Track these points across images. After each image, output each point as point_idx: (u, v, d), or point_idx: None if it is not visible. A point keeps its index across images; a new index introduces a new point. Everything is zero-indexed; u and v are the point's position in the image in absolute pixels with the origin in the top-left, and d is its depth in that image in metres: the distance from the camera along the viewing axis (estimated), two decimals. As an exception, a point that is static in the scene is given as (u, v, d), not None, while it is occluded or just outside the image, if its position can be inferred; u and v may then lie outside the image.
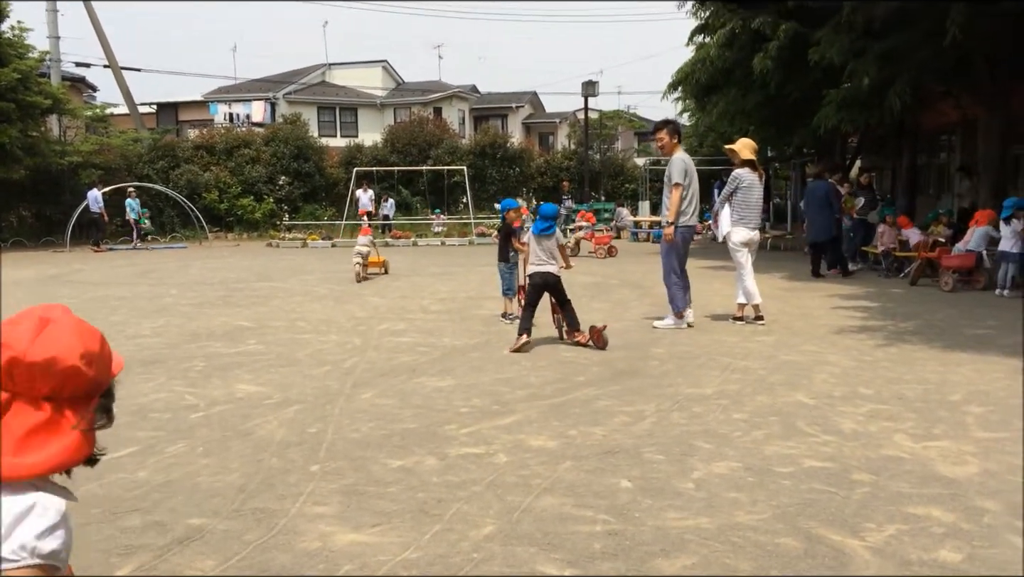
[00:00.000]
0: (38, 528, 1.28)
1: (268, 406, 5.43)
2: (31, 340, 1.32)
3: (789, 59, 14.99)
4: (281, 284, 13.09)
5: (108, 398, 1.44)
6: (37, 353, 1.30)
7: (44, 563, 1.28)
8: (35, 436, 1.31)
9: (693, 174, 8.39)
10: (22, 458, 1.29)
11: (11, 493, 1.28)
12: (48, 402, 1.32)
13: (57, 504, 1.33)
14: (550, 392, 5.75)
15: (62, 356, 1.32)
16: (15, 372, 1.31)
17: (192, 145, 29.56)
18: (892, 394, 5.55)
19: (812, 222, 13.58)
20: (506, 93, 46.55)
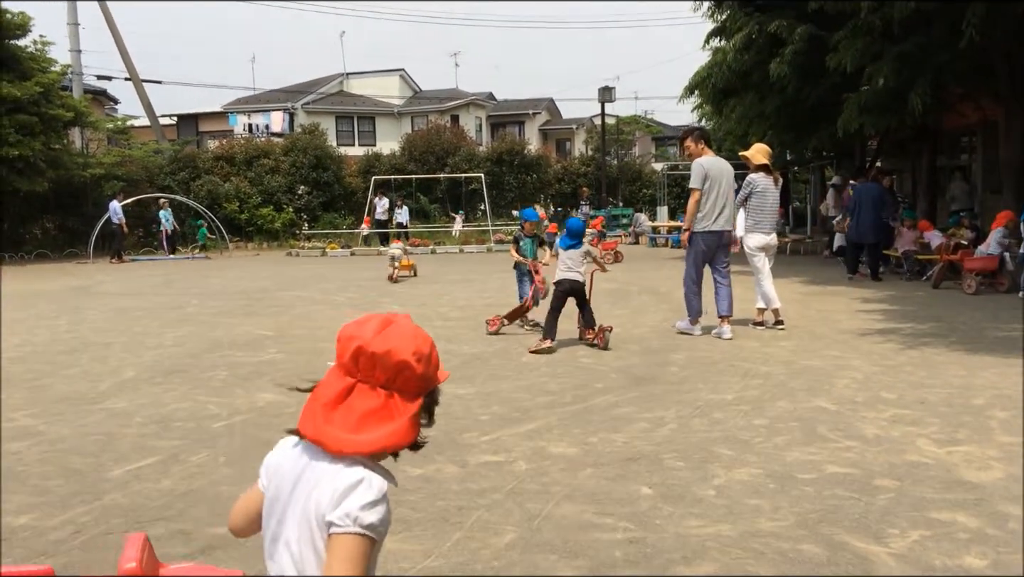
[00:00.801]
0: (363, 500, 1.46)
1: (290, 415, 5.45)
2: (375, 334, 1.56)
3: (806, 63, 14.92)
4: (301, 293, 13.17)
5: (432, 400, 1.64)
6: (378, 345, 1.54)
7: (364, 533, 1.45)
8: (370, 418, 1.52)
9: (718, 178, 8.16)
10: (358, 436, 1.51)
11: (344, 466, 1.49)
12: (383, 390, 1.54)
13: (380, 483, 1.51)
14: (570, 399, 5.75)
15: (397, 351, 1.54)
16: (360, 360, 1.54)
17: (212, 156, 29.83)
18: (915, 399, 5.50)
19: (860, 223, 13.42)
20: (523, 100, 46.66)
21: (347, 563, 1.42)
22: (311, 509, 1.49)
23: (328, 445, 1.50)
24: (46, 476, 4.29)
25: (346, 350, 1.57)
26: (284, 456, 1.65)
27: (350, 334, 1.59)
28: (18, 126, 21.23)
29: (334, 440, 1.50)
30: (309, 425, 1.55)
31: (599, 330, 7.74)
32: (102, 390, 6.35)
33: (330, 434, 1.51)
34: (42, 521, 3.67)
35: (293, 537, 1.50)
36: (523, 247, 9.15)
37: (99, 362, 7.55)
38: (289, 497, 1.55)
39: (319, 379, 1.64)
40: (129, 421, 5.39)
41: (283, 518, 1.55)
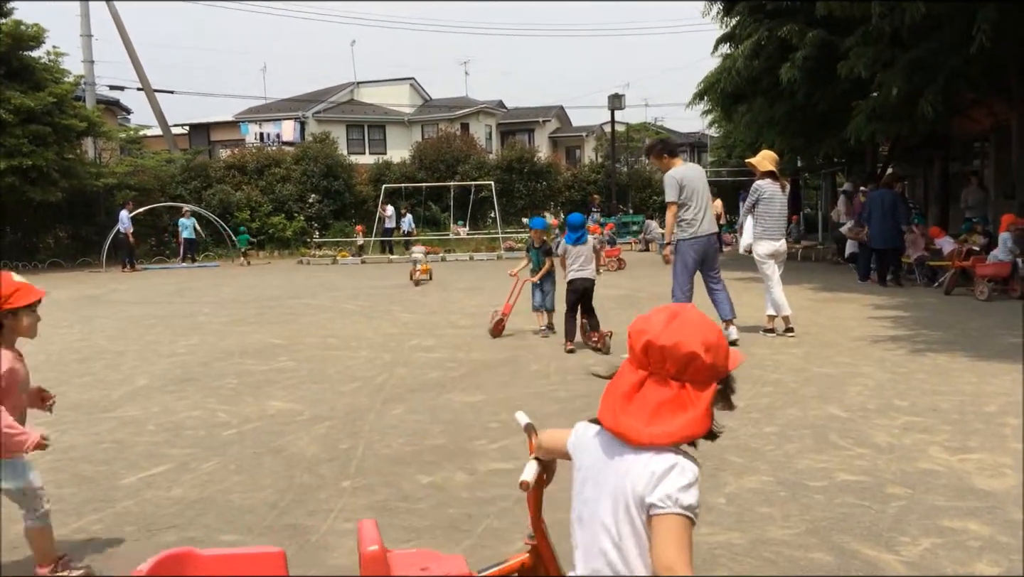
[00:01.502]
0: (679, 483, 1.54)
1: (300, 423, 5.48)
2: (663, 328, 1.62)
3: (816, 68, 14.90)
4: (312, 301, 13.21)
5: (727, 386, 1.68)
6: (667, 338, 1.59)
7: (685, 513, 1.53)
8: (663, 409, 1.59)
9: (694, 185, 8.07)
10: (652, 428, 1.58)
11: (655, 453, 1.57)
12: (675, 381, 1.60)
13: (692, 466, 1.58)
14: (580, 406, 5.74)
15: (685, 343, 1.58)
16: (650, 353, 1.61)
17: (224, 165, 30.01)
18: (927, 406, 5.47)
19: (877, 230, 13.39)
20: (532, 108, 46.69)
21: (676, 543, 1.50)
22: (627, 492, 1.57)
23: (627, 436, 1.60)
24: (59, 484, 4.31)
25: (636, 344, 1.64)
26: (587, 440, 1.76)
27: (639, 328, 1.66)
28: (32, 136, 21.43)
29: (633, 431, 1.59)
30: (608, 415, 1.65)
31: (600, 335, 7.84)
32: (114, 398, 6.39)
33: (628, 425, 1.60)
34: (55, 529, 3.68)
35: (609, 519, 1.60)
36: (531, 257, 9.22)
37: (112, 370, 7.59)
38: (597, 479, 1.66)
39: (618, 365, 1.72)
40: (141, 429, 5.42)
41: (592, 498, 1.67)
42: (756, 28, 16.64)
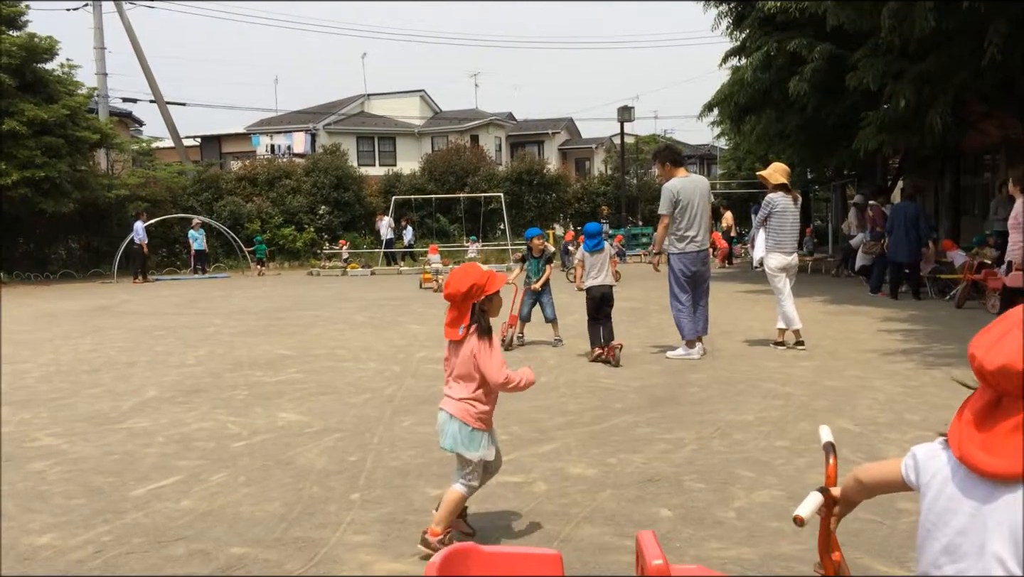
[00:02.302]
0: None
1: (309, 434, 5.48)
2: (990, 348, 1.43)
3: (826, 81, 14.90)
4: (321, 312, 13.23)
5: None
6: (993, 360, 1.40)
7: None
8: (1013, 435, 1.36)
9: (690, 198, 8.08)
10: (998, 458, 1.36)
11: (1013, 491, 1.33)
12: None
13: None
14: (589, 419, 5.73)
15: (1012, 363, 1.37)
16: (987, 378, 1.43)
17: (235, 177, 30.18)
18: (939, 420, 5.43)
19: (898, 243, 13.34)
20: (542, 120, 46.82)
21: None
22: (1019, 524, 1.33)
23: (973, 465, 1.41)
24: (69, 495, 4.32)
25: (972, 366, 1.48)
26: (939, 464, 1.53)
27: (970, 351, 1.50)
28: (45, 148, 21.60)
29: (977, 460, 1.40)
30: (955, 441, 1.48)
31: (609, 347, 7.84)
32: (125, 409, 6.40)
33: (972, 453, 1.42)
34: (64, 540, 3.70)
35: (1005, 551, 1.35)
36: (529, 267, 9.29)
37: (122, 381, 7.61)
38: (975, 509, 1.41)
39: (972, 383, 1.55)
40: (151, 440, 5.43)
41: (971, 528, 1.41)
42: (765, 41, 16.66)
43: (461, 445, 3.43)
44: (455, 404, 3.47)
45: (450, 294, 3.46)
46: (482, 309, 3.46)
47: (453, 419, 3.44)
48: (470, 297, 3.43)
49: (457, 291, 3.44)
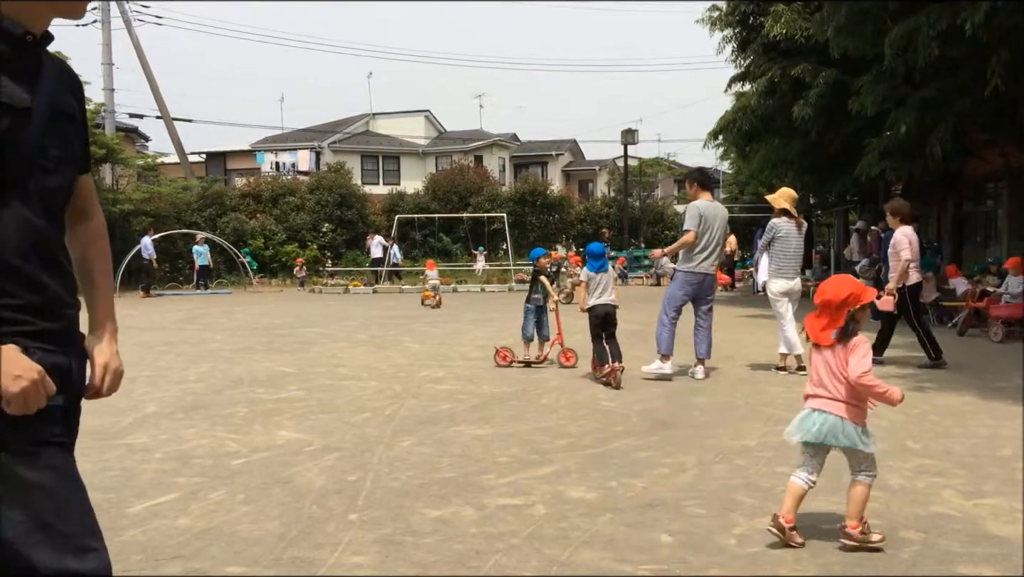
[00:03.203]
0: None
1: (308, 453, 5.46)
2: None
3: (830, 107, 14.97)
4: (323, 330, 13.23)
5: None
6: None
7: None
8: None
9: (712, 222, 8.21)
10: None
11: None
12: None
13: None
14: (589, 442, 5.71)
15: None
16: None
17: (239, 193, 30.30)
18: (940, 448, 5.42)
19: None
20: (546, 141, 47.05)
21: None
22: None
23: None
24: (66, 511, 4.30)
25: None
26: None
27: None
28: (51, 162, 21.65)
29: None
30: None
31: (611, 370, 7.79)
32: (124, 425, 6.39)
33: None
34: (61, 556, 3.67)
35: None
36: (538, 286, 9.34)
37: (122, 396, 7.57)
38: None
39: None
40: (149, 457, 5.41)
41: None
42: (769, 67, 16.76)
43: (859, 442, 3.63)
44: (839, 405, 3.66)
45: (826, 301, 3.72)
46: (855, 317, 3.70)
47: (844, 421, 3.64)
48: (847, 305, 3.69)
49: (835, 298, 3.70)
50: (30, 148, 1.76)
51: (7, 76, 1.73)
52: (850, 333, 3.70)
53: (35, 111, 1.77)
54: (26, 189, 1.75)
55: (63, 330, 1.86)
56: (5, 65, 1.74)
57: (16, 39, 1.77)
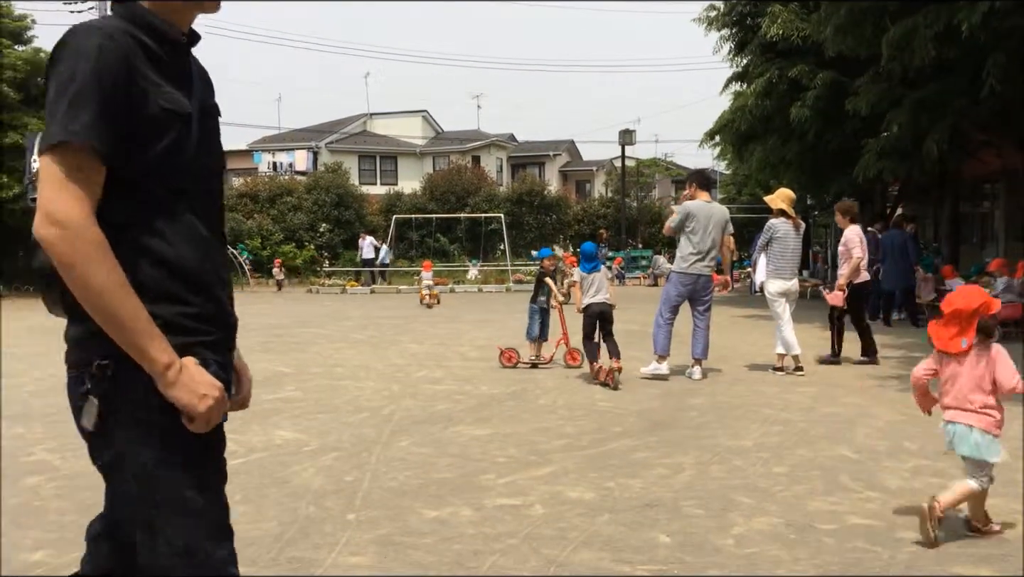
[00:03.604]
0: None
1: (306, 453, 5.45)
2: None
3: (827, 108, 14.99)
4: (320, 330, 13.22)
5: None
6: None
7: None
8: None
9: (704, 222, 8.18)
10: None
11: None
12: None
13: None
14: (587, 442, 5.71)
15: None
16: None
17: (236, 193, 30.24)
18: (937, 449, 5.41)
19: (888, 271, 13.48)
20: (543, 141, 47.03)
21: None
22: None
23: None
24: (62, 512, 4.29)
25: None
26: None
27: None
28: (47, 162, 21.63)
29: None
30: None
31: (609, 370, 7.81)
32: (121, 425, 6.36)
33: None
34: (57, 557, 3.67)
35: None
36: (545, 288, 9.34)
37: (119, 397, 7.57)
38: None
39: None
40: (146, 457, 5.39)
41: None
42: (767, 67, 16.77)
43: (985, 452, 3.74)
44: (974, 415, 3.77)
45: (957, 311, 3.80)
46: (987, 325, 3.81)
47: (973, 429, 3.75)
48: (978, 313, 3.76)
49: (966, 308, 3.78)
50: (192, 155, 1.74)
51: (168, 81, 1.70)
52: (989, 340, 3.82)
53: (192, 115, 1.75)
54: (193, 197, 1.74)
55: (228, 339, 1.85)
56: (165, 69, 1.71)
57: (172, 41, 1.75)
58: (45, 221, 1.57)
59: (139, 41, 1.66)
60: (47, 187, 1.58)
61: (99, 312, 1.57)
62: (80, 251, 1.55)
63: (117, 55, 1.61)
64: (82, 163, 1.58)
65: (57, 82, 1.61)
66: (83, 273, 1.55)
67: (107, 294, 1.56)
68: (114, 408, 1.64)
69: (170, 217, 1.70)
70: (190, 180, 1.74)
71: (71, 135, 1.56)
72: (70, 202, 1.56)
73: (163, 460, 1.66)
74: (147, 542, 1.68)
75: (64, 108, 1.58)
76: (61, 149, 1.57)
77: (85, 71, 1.58)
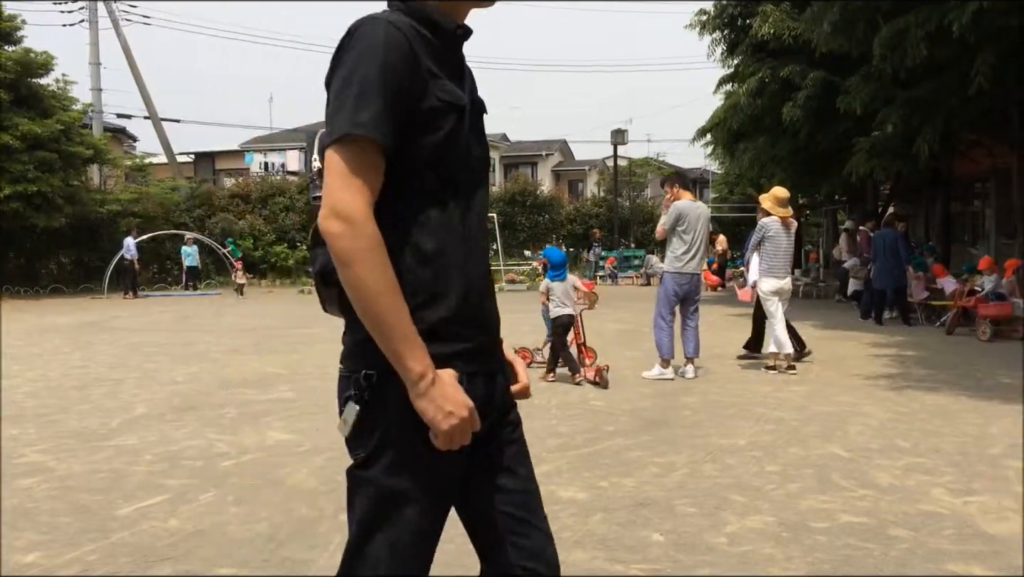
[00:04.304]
0: None
1: (299, 454, 5.45)
2: None
3: (819, 107, 15.03)
4: (313, 331, 13.19)
5: None
6: None
7: None
8: None
9: (695, 223, 8.21)
10: None
11: None
12: None
13: None
14: (580, 442, 5.72)
15: None
16: None
17: (228, 194, 30.14)
18: (930, 447, 5.44)
19: (880, 270, 13.50)
20: (536, 141, 47.03)
21: None
22: None
23: None
24: (55, 513, 4.28)
25: None
26: None
27: None
28: (38, 163, 21.55)
29: None
30: None
31: (598, 369, 7.87)
32: (113, 426, 6.36)
33: None
34: (50, 559, 3.65)
35: None
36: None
37: (111, 398, 7.56)
38: None
39: None
40: (138, 458, 5.38)
41: None
42: (759, 67, 16.81)
43: None
44: None
45: None
46: None
47: None
48: None
49: None
50: (465, 149, 1.71)
51: (444, 73, 1.68)
52: None
53: (466, 108, 1.72)
54: (462, 193, 1.71)
55: (490, 344, 1.80)
56: (442, 62, 1.69)
57: (449, 34, 1.73)
58: (330, 215, 1.55)
59: (419, 33, 1.65)
60: (333, 180, 1.56)
61: (366, 313, 1.55)
62: (359, 248, 1.52)
63: (402, 47, 1.59)
64: (367, 156, 1.56)
65: (345, 72, 1.59)
66: (358, 273, 1.53)
67: (377, 296, 1.53)
68: (371, 418, 1.63)
69: (439, 214, 1.67)
70: (464, 174, 1.71)
71: (358, 127, 1.54)
72: (355, 196, 1.54)
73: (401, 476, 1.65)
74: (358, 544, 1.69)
75: (352, 100, 1.56)
76: (348, 141, 1.56)
77: (373, 62, 1.57)
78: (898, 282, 13.40)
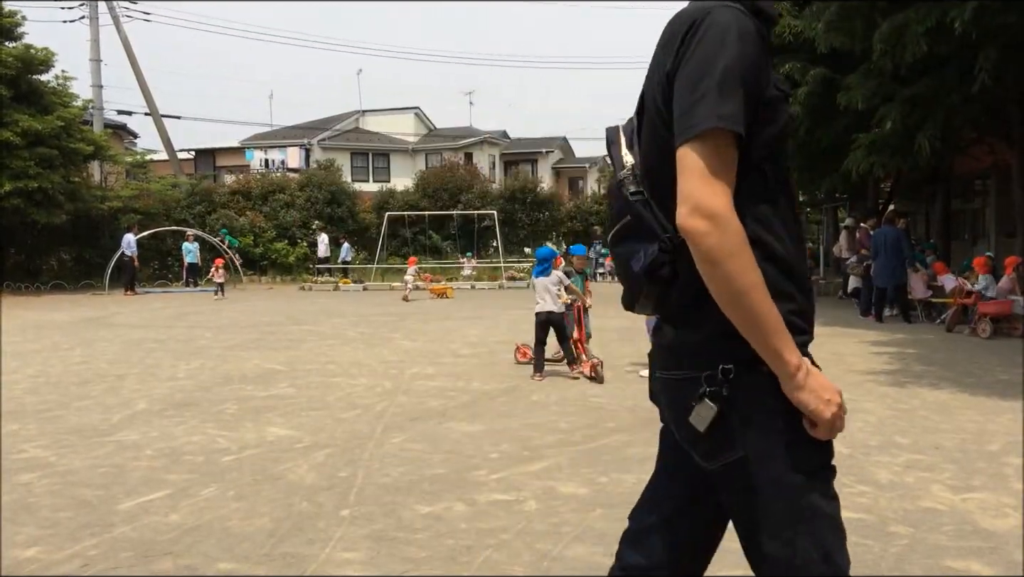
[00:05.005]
0: None
1: (299, 450, 5.46)
2: None
3: (819, 104, 15.01)
4: (313, 327, 13.20)
5: None
6: None
7: None
8: None
9: None
10: None
11: None
12: None
13: None
14: (580, 438, 5.72)
15: None
16: None
17: (229, 190, 30.12)
18: (929, 444, 5.45)
19: (881, 267, 13.50)
20: (536, 138, 46.95)
21: None
22: None
23: None
24: (56, 508, 4.29)
25: None
26: None
27: None
28: (38, 159, 21.54)
29: None
30: None
31: (592, 364, 7.91)
32: (114, 422, 6.37)
33: None
34: (50, 554, 3.66)
35: None
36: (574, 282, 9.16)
37: (111, 394, 7.57)
38: None
39: None
40: (139, 454, 5.39)
41: None
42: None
43: None
44: None
45: None
46: None
47: None
48: None
49: None
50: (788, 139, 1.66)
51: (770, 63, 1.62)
52: None
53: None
54: (787, 182, 1.67)
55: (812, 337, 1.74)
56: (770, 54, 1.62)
57: (773, 22, 1.68)
58: (695, 212, 1.49)
59: (755, 24, 1.60)
60: (695, 176, 1.50)
61: (738, 309, 1.51)
62: (728, 245, 1.48)
63: (754, 38, 1.56)
64: (729, 151, 1.52)
65: (701, 62, 1.53)
66: (728, 270, 1.48)
67: (750, 291, 1.49)
68: (738, 412, 1.59)
69: (773, 206, 1.62)
70: (786, 166, 1.67)
71: (724, 120, 1.49)
72: (719, 193, 1.49)
73: (794, 467, 1.61)
74: (781, 549, 1.63)
75: (715, 92, 1.50)
76: (712, 135, 1.50)
77: (732, 52, 1.51)
78: (898, 279, 13.40)
